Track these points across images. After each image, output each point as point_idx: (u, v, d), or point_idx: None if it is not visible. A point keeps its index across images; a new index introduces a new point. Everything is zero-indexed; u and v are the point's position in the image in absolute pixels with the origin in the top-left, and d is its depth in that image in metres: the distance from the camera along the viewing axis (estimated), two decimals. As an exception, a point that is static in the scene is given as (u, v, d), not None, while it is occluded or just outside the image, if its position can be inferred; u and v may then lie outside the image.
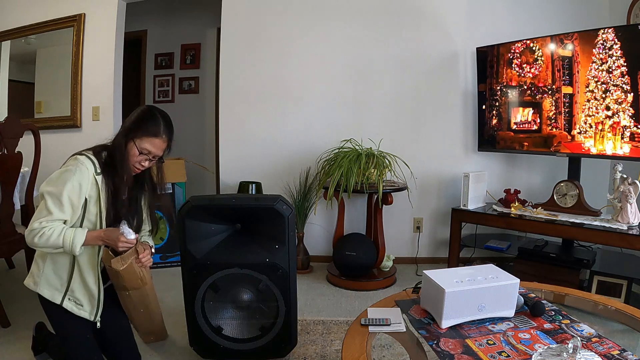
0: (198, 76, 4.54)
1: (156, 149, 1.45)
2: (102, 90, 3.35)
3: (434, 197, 3.23)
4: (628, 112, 2.30)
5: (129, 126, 1.45)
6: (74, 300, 1.46)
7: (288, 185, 3.20)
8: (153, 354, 1.88)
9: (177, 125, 1.56)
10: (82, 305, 1.47)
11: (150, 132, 1.43)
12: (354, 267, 2.74)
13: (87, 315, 1.48)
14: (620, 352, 1.08)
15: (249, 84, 3.23)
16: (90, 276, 1.47)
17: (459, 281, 1.27)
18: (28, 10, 3.46)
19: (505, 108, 2.86)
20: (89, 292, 1.48)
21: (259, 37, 3.20)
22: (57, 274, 1.45)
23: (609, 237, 2.26)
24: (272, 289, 1.75)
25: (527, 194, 2.97)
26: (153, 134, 1.43)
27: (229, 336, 1.80)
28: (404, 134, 3.17)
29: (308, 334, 2.08)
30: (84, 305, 1.48)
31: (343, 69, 3.18)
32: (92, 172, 1.39)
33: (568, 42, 2.51)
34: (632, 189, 2.27)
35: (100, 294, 1.49)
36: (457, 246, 2.89)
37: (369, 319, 1.32)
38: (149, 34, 4.60)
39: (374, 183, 2.66)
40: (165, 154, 1.54)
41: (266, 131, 3.25)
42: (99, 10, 3.33)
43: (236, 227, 1.87)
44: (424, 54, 3.13)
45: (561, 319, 1.29)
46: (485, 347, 1.13)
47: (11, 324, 2.09)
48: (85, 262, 1.45)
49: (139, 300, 1.62)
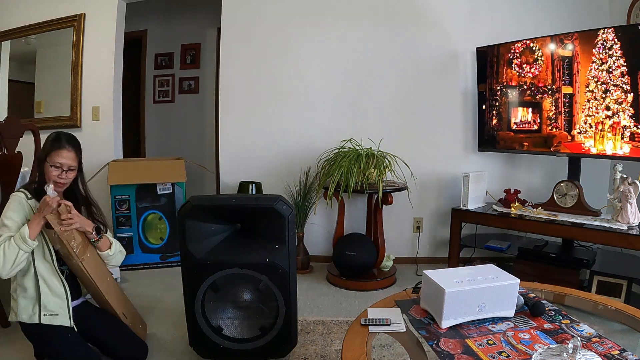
0: (198, 76, 4.54)
1: (65, 159, 1.65)
2: (102, 90, 3.34)
3: (434, 197, 3.23)
4: (628, 112, 2.30)
5: (40, 154, 1.70)
6: (49, 314, 1.64)
7: (288, 185, 3.20)
8: (153, 353, 1.88)
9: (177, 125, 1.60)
10: (57, 315, 1.65)
11: (54, 147, 1.65)
12: (354, 267, 2.74)
13: (65, 322, 1.66)
14: (620, 352, 1.08)
15: (249, 84, 3.23)
16: (54, 281, 1.65)
17: (459, 281, 1.27)
18: (28, 11, 3.45)
19: (505, 108, 2.86)
20: (58, 297, 1.65)
21: (259, 37, 3.20)
22: (28, 298, 1.63)
23: (609, 237, 2.26)
24: (272, 289, 1.75)
25: (527, 194, 2.97)
26: (57, 147, 1.65)
27: (229, 336, 1.80)
28: (404, 134, 3.17)
29: (308, 334, 2.08)
30: (59, 315, 1.65)
31: (343, 69, 3.18)
32: (23, 197, 1.65)
33: (568, 42, 2.51)
34: (632, 189, 2.27)
35: (67, 291, 1.67)
36: (457, 246, 2.89)
37: (369, 319, 1.32)
38: (149, 34, 4.60)
39: (374, 183, 2.66)
40: (80, 164, 1.75)
41: (266, 131, 3.25)
42: (99, 10, 3.33)
43: (236, 227, 1.87)
44: (424, 53, 3.13)
45: (561, 319, 1.29)
46: (485, 347, 1.13)
47: (11, 324, 2.09)
48: (45, 270, 1.64)
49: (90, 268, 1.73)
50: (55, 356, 1.64)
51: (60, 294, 1.66)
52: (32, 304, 1.63)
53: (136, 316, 2.01)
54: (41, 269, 1.63)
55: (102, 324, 1.78)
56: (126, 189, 3.00)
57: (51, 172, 1.64)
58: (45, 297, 1.63)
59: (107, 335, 1.76)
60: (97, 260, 1.79)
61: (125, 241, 3.05)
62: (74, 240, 1.66)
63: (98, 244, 1.77)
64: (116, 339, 1.77)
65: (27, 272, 1.63)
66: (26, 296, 1.63)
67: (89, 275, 1.71)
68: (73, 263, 1.69)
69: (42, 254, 1.64)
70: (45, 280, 1.63)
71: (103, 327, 1.78)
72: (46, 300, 1.63)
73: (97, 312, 1.84)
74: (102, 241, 1.78)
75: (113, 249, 1.83)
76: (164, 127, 4.62)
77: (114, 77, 3.35)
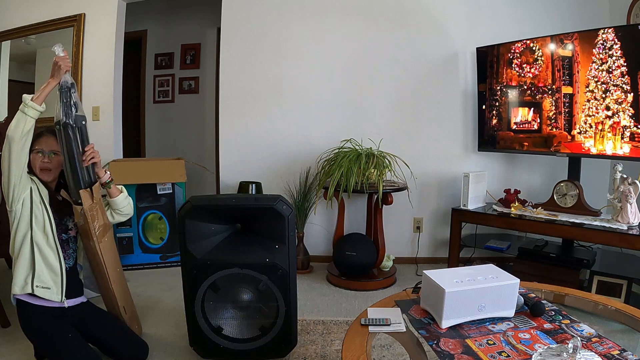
0: (198, 76, 4.54)
1: (46, 145, 1.73)
2: (102, 90, 3.34)
3: (434, 197, 3.23)
4: (628, 112, 2.30)
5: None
6: (41, 285, 1.65)
7: (288, 185, 3.20)
8: (153, 353, 1.88)
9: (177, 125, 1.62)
10: (49, 288, 1.67)
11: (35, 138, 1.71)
12: (354, 267, 2.74)
13: (55, 296, 1.67)
14: (620, 352, 1.08)
15: (249, 84, 3.23)
16: (50, 253, 1.68)
17: (459, 281, 1.27)
18: (28, 10, 3.45)
19: (505, 108, 2.86)
20: (53, 270, 1.68)
21: (259, 37, 3.20)
22: (24, 267, 1.65)
23: (609, 237, 2.26)
24: (272, 289, 1.75)
25: (527, 194, 2.97)
26: (37, 136, 1.73)
27: (229, 336, 1.80)
28: (404, 134, 3.17)
29: (308, 334, 2.08)
30: (50, 288, 1.67)
31: (343, 69, 3.18)
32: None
33: (568, 42, 2.51)
34: (632, 189, 2.27)
35: (63, 270, 1.70)
36: (457, 246, 2.89)
37: (369, 319, 1.32)
38: (149, 33, 4.60)
39: (374, 183, 2.66)
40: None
41: (266, 131, 3.25)
42: (99, 10, 3.33)
43: (236, 227, 1.87)
44: (424, 53, 3.13)
45: (561, 319, 1.29)
46: (485, 347, 1.13)
47: (11, 324, 2.09)
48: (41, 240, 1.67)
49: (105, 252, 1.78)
50: (56, 356, 1.64)
51: (55, 268, 1.68)
52: (26, 273, 1.65)
53: (134, 315, 2.02)
54: (38, 238, 1.66)
55: (102, 324, 1.79)
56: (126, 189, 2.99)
57: (35, 158, 1.69)
58: (40, 268, 1.65)
59: (108, 334, 1.77)
60: (112, 248, 1.84)
61: (125, 241, 3.05)
62: (97, 221, 1.71)
63: (110, 190, 1.84)
64: (117, 339, 1.77)
65: (23, 240, 1.65)
66: (21, 266, 1.65)
67: (102, 259, 1.75)
68: (90, 244, 1.73)
69: (43, 225, 1.67)
70: (40, 250, 1.66)
71: (104, 326, 1.78)
72: (40, 270, 1.65)
73: (98, 312, 1.85)
74: (113, 187, 1.85)
75: (125, 193, 1.91)
76: (164, 127, 4.62)
77: (114, 77, 3.35)
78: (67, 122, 1.63)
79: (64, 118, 1.62)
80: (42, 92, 1.61)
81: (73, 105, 1.65)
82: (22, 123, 1.57)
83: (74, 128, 1.65)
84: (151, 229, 3.10)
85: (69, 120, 1.63)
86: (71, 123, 1.64)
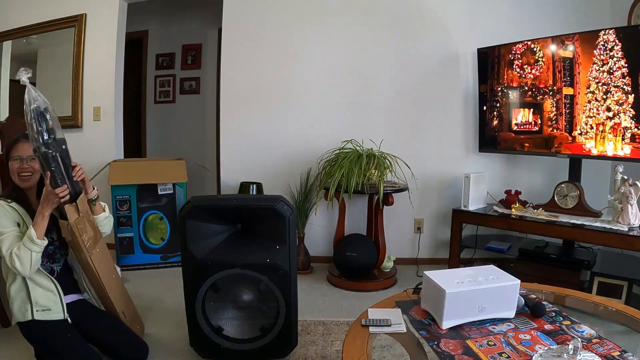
0: (199, 76, 4.54)
1: (23, 151, 1.67)
2: (103, 91, 3.35)
3: (435, 197, 3.23)
4: (629, 113, 2.30)
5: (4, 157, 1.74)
6: (42, 309, 1.64)
7: (289, 186, 3.20)
8: (153, 353, 1.88)
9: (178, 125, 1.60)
10: (50, 310, 1.66)
11: (11, 145, 1.70)
12: (354, 268, 2.74)
13: (58, 316, 1.67)
14: (620, 353, 1.08)
15: (250, 85, 3.23)
16: (42, 279, 1.65)
17: (460, 282, 1.27)
18: (29, 10, 3.46)
19: (506, 109, 2.86)
20: (48, 291, 1.66)
21: (260, 38, 3.20)
22: (19, 297, 1.64)
23: (609, 238, 2.25)
24: (272, 289, 1.75)
25: (528, 195, 2.97)
26: (14, 143, 1.70)
27: (230, 336, 1.80)
28: (405, 135, 3.17)
29: (308, 335, 2.08)
30: (51, 309, 1.66)
31: (344, 70, 3.18)
32: (4, 204, 1.63)
33: (569, 43, 2.51)
34: (632, 190, 2.27)
35: (57, 286, 1.68)
36: (457, 247, 2.89)
37: (369, 320, 1.32)
38: (150, 34, 4.60)
39: (374, 184, 2.66)
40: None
41: (267, 131, 3.25)
42: (100, 10, 3.33)
43: (237, 228, 1.87)
44: (425, 54, 3.13)
45: (562, 320, 1.29)
46: (485, 348, 1.13)
47: (11, 324, 2.09)
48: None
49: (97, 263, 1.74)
50: (56, 356, 1.64)
51: (50, 289, 1.67)
52: (23, 301, 1.64)
53: (135, 316, 2.02)
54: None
55: (102, 324, 1.79)
56: (127, 189, 3.01)
57: (13, 165, 1.66)
58: (35, 293, 1.64)
59: (108, 334, 1.77)
60: (105, 256, 1.82)
61: (126, 241, 3.05)
62: (85, 234, 1.69)
63: (94, 207, 1.82)
64: (117, 338, 1.77)
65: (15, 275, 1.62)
66: (18, 295, 1.65)
67: (95, 270, 1.73)
68: (82, 257, 1.70)
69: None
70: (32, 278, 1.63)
71: (104, 326, 1.78)
72: (36, 295, 1.64)
73: (98, 312, 1.85)
74: (97, 204, 1.84)
75: (107, 212, 1.90)
76: (165, 127, 4.63)
77: (115, 77, 3.35)
78: (47, 152, 1.52)
79: (42, 148, 1.51)
80: (40, 225, 1.55)
81: (49, 131, 1.53)
82: (29, 259, 1.54)
83: (54, 156, 1.54)
84: (152, 229, 3.10)
85: (49, 150, 1.53)
86: (51, 152, 1.53)
